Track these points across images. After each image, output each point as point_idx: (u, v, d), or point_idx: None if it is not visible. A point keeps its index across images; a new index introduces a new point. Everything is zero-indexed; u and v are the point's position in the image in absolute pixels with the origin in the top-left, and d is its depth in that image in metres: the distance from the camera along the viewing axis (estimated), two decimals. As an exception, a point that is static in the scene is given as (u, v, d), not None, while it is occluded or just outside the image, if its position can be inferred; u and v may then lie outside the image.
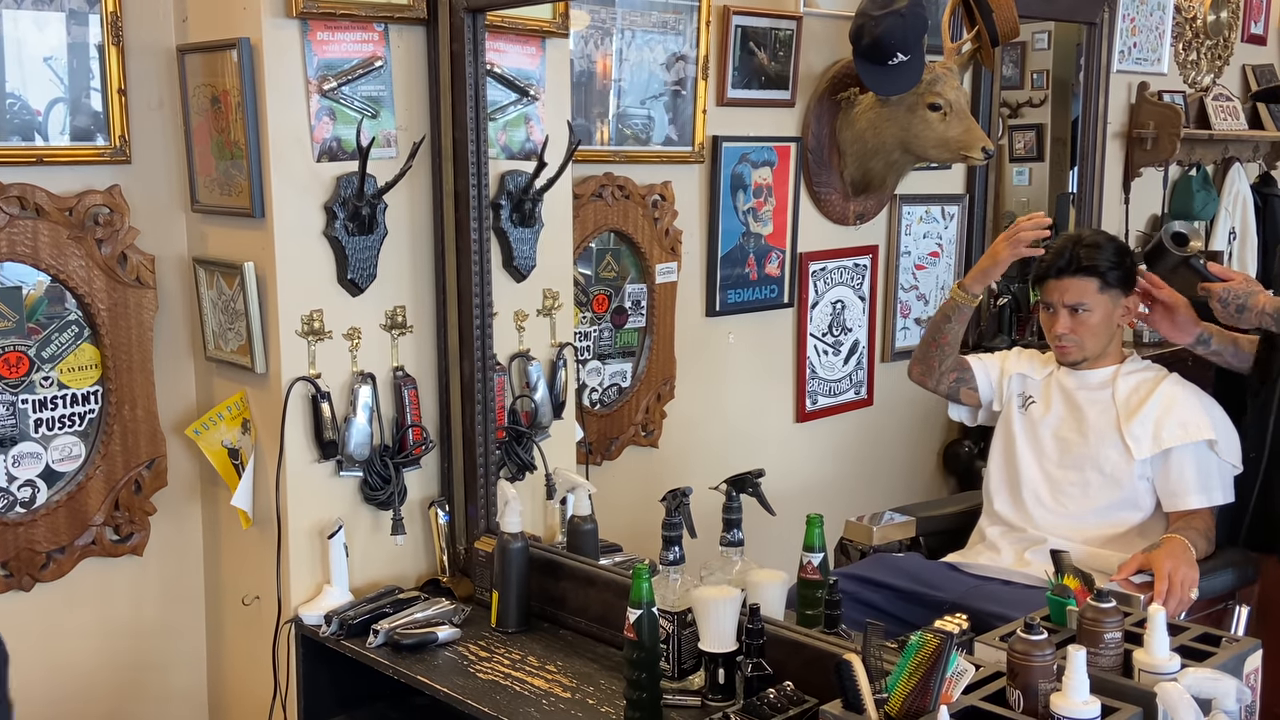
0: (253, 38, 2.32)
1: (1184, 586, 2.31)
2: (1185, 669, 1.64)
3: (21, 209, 2.34)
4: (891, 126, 3.40)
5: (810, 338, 3.61)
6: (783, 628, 2.02)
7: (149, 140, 2.52)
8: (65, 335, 2.44)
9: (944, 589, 2.52)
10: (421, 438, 2.54)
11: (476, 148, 2.45)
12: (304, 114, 2.36)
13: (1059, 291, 2.61)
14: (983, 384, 2.80)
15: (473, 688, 2.13)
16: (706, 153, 3.23)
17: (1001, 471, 2.72)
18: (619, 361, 3.16)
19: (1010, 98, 4.74)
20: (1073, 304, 2.60)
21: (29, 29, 2.34)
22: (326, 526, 2.45)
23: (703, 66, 3.16)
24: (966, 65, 3.52)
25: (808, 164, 3.49)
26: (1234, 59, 5.22)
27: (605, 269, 3.10)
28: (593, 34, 2.97)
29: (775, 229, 3.44)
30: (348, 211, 2.40)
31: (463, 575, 2.55)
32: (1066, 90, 4.68)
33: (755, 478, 2.24)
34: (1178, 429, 2.54)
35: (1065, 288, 2.60)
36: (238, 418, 2.53)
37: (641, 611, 1.93)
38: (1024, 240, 2.67)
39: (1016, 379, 2.76)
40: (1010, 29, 3.39)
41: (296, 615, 2.43)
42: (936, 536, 2.85)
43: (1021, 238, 2.68)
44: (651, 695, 1.95)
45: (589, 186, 2.97)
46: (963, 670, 1.59)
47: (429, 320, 2.57)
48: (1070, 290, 2.60)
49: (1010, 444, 2.71)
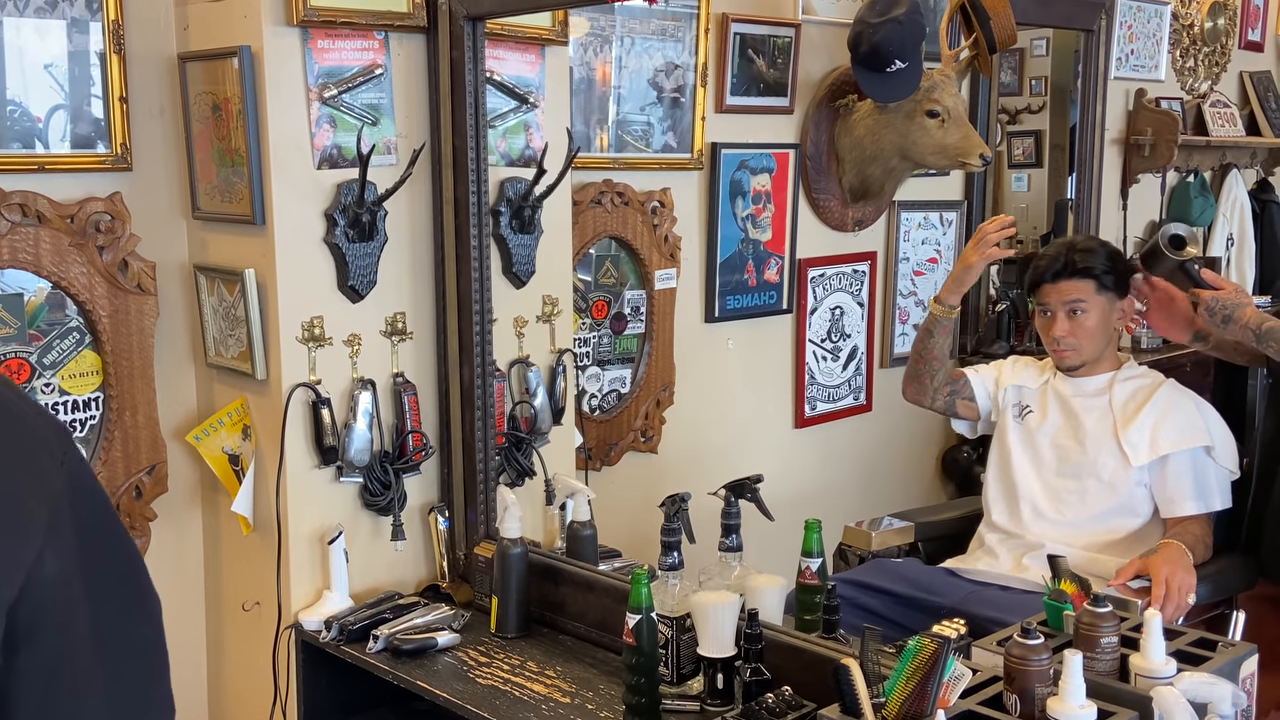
0: (253, 46, 2.33)
1: (1181, 592, 2.32)
2: (1181, 673, 1.64)
3: (23, 216, 2.35)
4: (890, 133, 3.41)
5: (809, 344, 3.62)
6: (781, 633, 2.02)
7: (150, 148, 2.53)
8: (66, 342, 2.45)
9: (942, 594, 2.53)
10: (421, 443, 2.55)
11: (476, 155, 2.46)
12: (304, 121, 2.37)
13: (1055, 294, 2.62)
14: (980, 396, 2.80)
15: (472, 693, 2.14)
16: (705, 159, 3.24)
17: (999, 483, 2.72)
18: (618, 367, 3.17)
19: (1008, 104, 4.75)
20: (1069, 307, 2.60)
21: (30, 36, 2.35)
22: (327, 532, 2.45)
23: (701, 74, 3.17)
24: (964, 72, 3.53)
25: (806, 170, 3.50)
26: (1231, 66, 5.23)
27: (604, 275, 3.11)
28: (592, 41, 2.98)
29: (774, 235, 3.45)
30: (348, 218, 2.41)
31: (462, 581, 2.56)
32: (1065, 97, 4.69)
33: (754, 483, 2.24)
34: (1175, 435, 2.55)
35: (1062, 290, 2.61)
36: (238, 424, 2.54)
37: (640, 616, 1.93)
38: (990, 242, 2.69)
39: (1012, 390, 2.76)
40: (1008, 36, 3.39)
41: (297, 621, 2.44)
42: (935, 542, 2.85)
43: (988, 239, 2.69)
44: (650, 700, 1.96)
45: (588, 193, 2.98)
46: (960, 675, 1.60)
47: (429, 326, 2.58)
48: (1067, 293, 2.60)
49: (1006, 455, 2.71)
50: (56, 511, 0.84)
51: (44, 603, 0.82)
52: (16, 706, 0.81)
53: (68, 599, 0.85)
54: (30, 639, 0.81)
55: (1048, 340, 2.66)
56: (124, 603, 0.91)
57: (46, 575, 0.82)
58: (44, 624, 0.82)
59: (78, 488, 0.87)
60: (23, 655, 0.81)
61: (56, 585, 0.83)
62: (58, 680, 0.84)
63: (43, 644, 0.83)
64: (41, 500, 0.83)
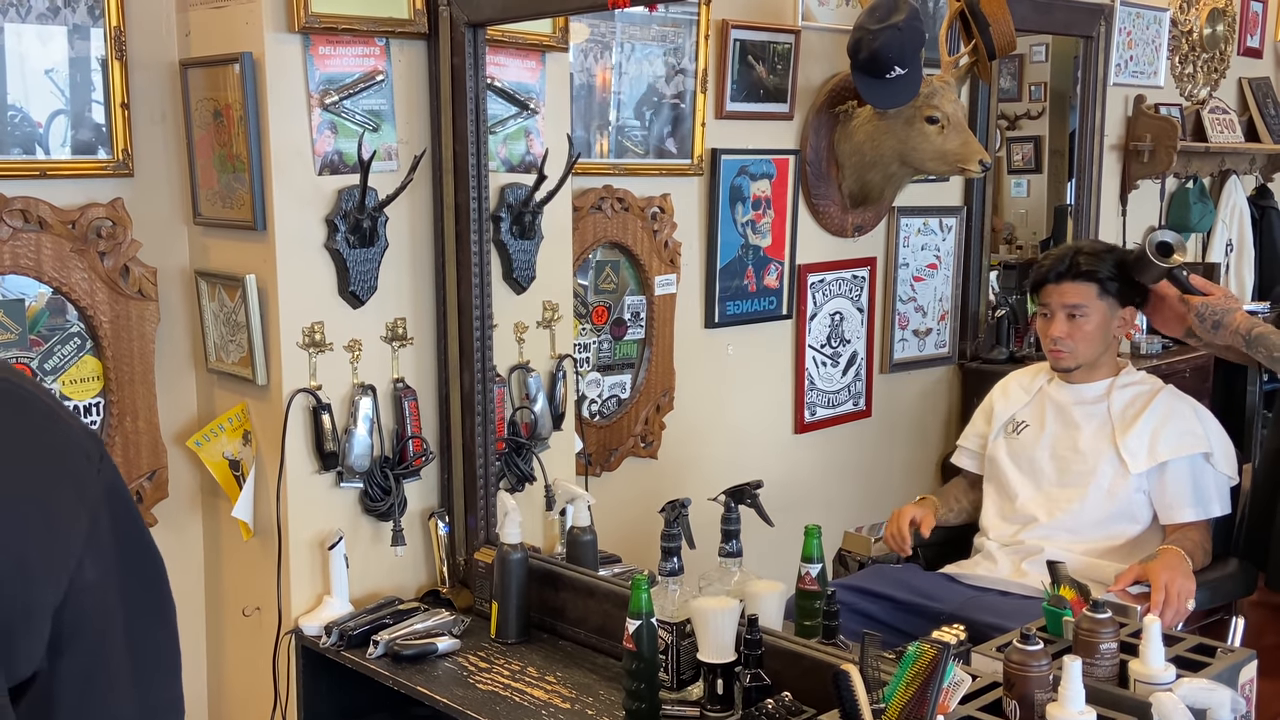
0: (255, 52, 2.33)
1: (1180, 597, 2.32)
2: (1180, 679, 1.65)
3: (25, 222, 2.35)
4: (889, 139, 3.41)
5: (809, 349, 3.62)
6: (781, 638, 2.02)
7: (151, 153, 2.53)
8: (68, 347, 2.45)
9: (941, 600, 2.53)
10: (422, 449, 2.55)
11: (477, 161, 2.47)
12: (305, 128, 2.37)
13: (1057, 295, 2.62)
14: (978, 462, 2.82)
15: (472, 698, 2.14)
16: (705, 165, 3.25)
17: (996, 506, 2.72)
18: (618, 373, 3.17)
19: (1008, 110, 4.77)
20: (1070, 308, 2.61)
21: (32, 42, 2.35)
22: (327, 537, 2.46)
23: (701, 80, 3.18)
24: (964, 78, 3.54)
25: (806, 176, 3.50)
26: (1230, 72, 5.24)
27: (605, 281, 3.11)
28: (592, 47, 2.99)
29: (774, 241, 3.45)
30: (349, 224, 2.42)
31: (462, 586, 2.56)
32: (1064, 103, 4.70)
33: (754, 489, 2.25)
34: (1173, 442, 2.55)
35: (1064, 292, 2.62)
36: (239, 429, 2.54)
37: (640, 622, 1.94)
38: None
39: (999, 419, 2.76)
40: (1007, 42, 3.40)
41: (297, 626, 2.44)
42: (934, 548, 2.85)
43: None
44: (650, 706, 1.96)
45: (588, 199, 2.98)
46: (960, 680, 1.60)
47: (429, 332, 2.58)
48: (1068, 294, 2.61)
49: (1002, 475, 2.71)
50: (95, 519, 0.85)
51: (84, 609, 0.83)
52: (58, 710, 0.83)
53: (105, 606, 0.86)
54: (71, 644, 0.83)
55: (1045, 340, 2.66)
56: (151, 609, 0.93)
57: (87, 581, 0.83)
58: (84, 630, 0.84)
59: (114, 494, 0.88)
60: (65, 659, 0.83)
61: (96, 592, 0.85)
62: (94, 686, 0.85)
63: (82, 649, 0.84)
64: (82, 506, 0.85)
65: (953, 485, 2.89)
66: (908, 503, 2.79)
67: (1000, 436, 2.75)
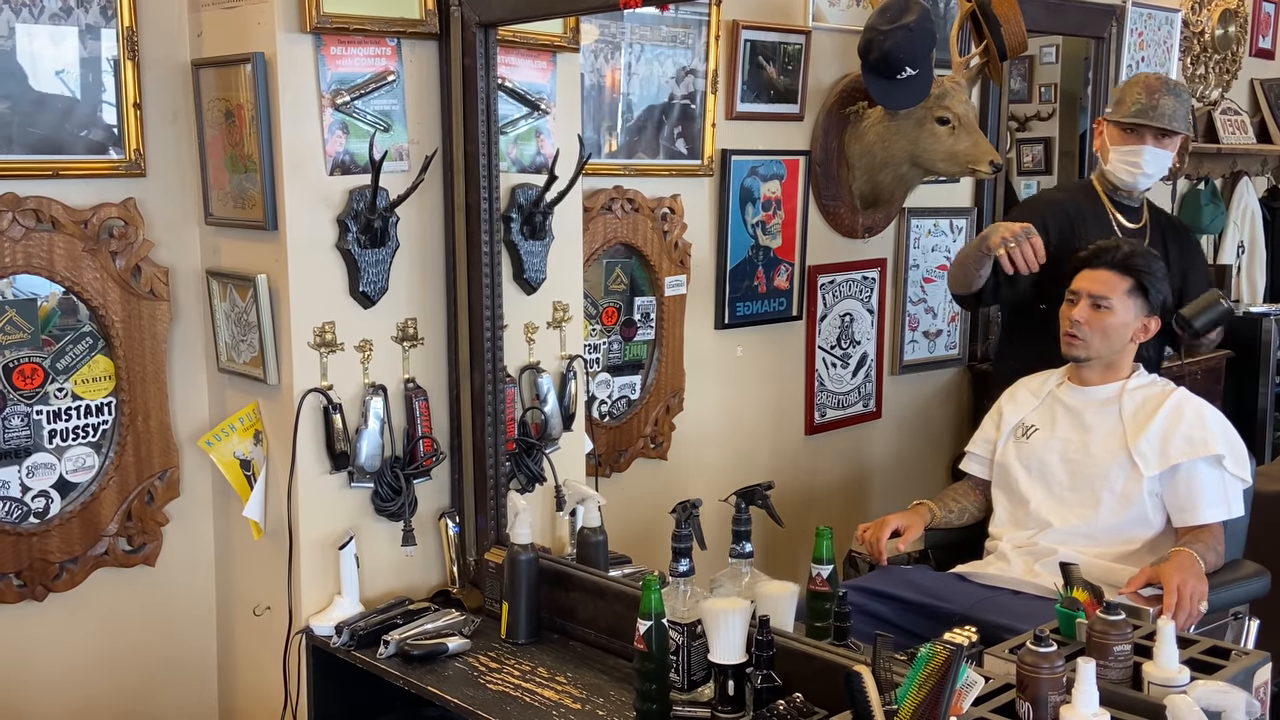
0: (267, 52, 2.34)
1: (1193, 600, 2.31)
2: (1195, 682, 1.64)
3: (37, 222, 2.36)
4: (900, 140, 3.41)
5: (819, 350, 3.62)
6: (792, 639, 2.02)
7: (163, 154, 2.54)
8: (79, 347, 2.46)
9: (953, 601, 2.52)
10: (432, 449, 2.55)
11: (488, 161, 2.47)
12: (317, 128, 2.38)
13: (1090, 281, 2.64)
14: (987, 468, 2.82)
15: (483, 699, 2.14)
16: (716, 166, 3.25)
17: (1009, 511, 2.71)
18: (628, 374, 3.17)
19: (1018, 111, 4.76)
20: (1096, 298, 2.62)
21: (44, 43, 2.36)
22: (338, 537, 2.46)
23: (712, 80, 3.17)
24: (974, 79, 3.53)
25: (816, 177, 3.50)
26: (1242, 73, 5.23)
27: (615, 282, 3.11)
28: (602, 48, 2.99)
29: (784, 242, 3.45)
30: (360, 224, 2.42)
31: (473, 586, 2.56)
32: (1074, 104, 4.69)
33: (765, 490, 2.25)
34: (1185, 444, 2.54)
35: (1097, 278, 2.63)
36: (250, 429, 2.54)
37: (651, 623, 1.93)
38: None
39: (1007, 424, 2.76)
40: (1018, 43, 3.40)
41: (307, 626, 2.44)
42: (945, 549, 2.85)
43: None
44: (661, 707, 1.96)
45: (599, 199, 2.98)
46: (972, 682, 1.60)
47: (440, 332, 2.58)
48: (1100, 283, 2.62)
49: (1012, 480, 2.70)
50: None
51: None
52: None
53: None
54: None
55: (1065, 324, 2.66)
56: None
57: None
58: None
59: None
60: None
61: None
62: None
63: None
64: None
65: (954, 486, 2.88)
66: (922, 487, 2.79)
67: (1009, 441, 2.74)
